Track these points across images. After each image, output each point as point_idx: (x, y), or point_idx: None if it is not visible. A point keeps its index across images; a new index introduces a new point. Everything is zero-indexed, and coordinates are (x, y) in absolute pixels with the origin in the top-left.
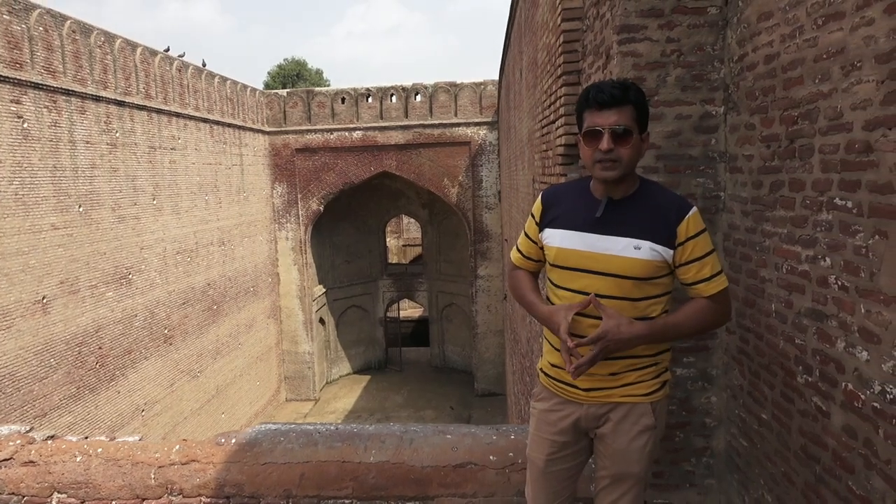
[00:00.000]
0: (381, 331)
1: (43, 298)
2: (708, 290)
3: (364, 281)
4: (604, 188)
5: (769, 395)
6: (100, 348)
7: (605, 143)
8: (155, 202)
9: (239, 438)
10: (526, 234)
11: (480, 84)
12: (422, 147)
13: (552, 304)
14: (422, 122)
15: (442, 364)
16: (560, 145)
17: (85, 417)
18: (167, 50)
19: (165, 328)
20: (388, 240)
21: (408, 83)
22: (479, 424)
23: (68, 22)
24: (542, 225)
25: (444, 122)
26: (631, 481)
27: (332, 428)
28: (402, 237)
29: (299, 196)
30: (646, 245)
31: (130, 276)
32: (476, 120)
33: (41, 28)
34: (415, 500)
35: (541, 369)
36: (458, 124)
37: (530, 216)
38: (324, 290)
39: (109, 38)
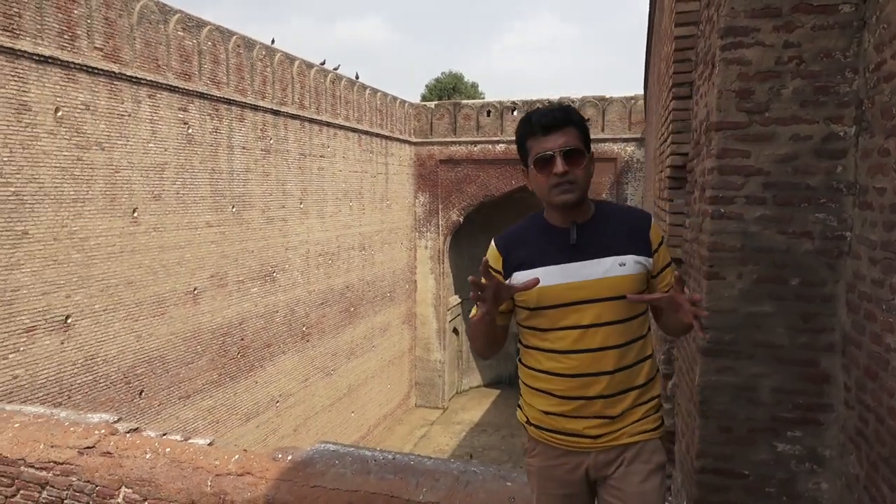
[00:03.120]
0: (515, 346)
1: (194, 290)
2: None
3: None
4: (563, 215)
5: (889, 498)
6: (242, 340)
7: (559, 165)
8: (302, 206)
9: (295, 456)
10: None
11: (630, 98)
12: None
13: (534, 357)
14: None
15: None
16: (668, 166)
17: (224, 402)
18: (323, 63)
19: (304, 326)
20: None
21: (555, 97)
22: None
23: (234, 37)
24: (508, 273)
25: (591, 137)
26: None
27: (388, 456)
28: None
29: (440, 206)
30: (630, 259)
31: (274, 275)
32: (623, 136)
33: (210, 43)
34: None
35: (527, 421)
36: (605, 140)
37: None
38: (459, 300)
39: (270, 51)
